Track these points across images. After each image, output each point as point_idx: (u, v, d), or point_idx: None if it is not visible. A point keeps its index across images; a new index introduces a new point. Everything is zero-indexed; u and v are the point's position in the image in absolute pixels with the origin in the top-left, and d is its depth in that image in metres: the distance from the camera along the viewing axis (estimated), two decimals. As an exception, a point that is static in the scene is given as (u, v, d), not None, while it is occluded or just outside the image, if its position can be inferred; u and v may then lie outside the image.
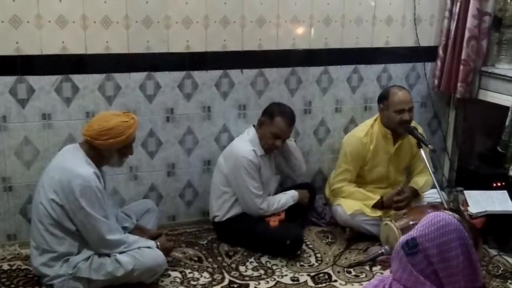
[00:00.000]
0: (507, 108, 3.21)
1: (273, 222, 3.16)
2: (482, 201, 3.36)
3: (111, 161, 2.73)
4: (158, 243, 2.84)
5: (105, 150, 2.66)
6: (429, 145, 3.22)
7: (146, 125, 3.21)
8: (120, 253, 2.66)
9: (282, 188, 3.45)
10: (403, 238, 1.85)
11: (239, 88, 3.37)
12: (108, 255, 2.65)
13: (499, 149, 3.20)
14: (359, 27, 3.54)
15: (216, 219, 3.24)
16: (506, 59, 3.48)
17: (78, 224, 2.60)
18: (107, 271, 2.62)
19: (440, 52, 3.68)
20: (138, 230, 2.96)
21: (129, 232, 2.86)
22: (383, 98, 3.32)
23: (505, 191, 3.38)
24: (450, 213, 1.93)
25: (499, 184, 3.55)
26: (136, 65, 3.11)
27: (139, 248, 2.71)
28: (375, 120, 3.40)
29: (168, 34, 3.11)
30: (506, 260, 3.13)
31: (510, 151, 2.94)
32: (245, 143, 3.17)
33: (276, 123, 3.14)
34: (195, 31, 3.17)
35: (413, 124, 3.33)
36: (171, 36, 3.13)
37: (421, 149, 3.24)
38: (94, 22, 2.96)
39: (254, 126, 3.24)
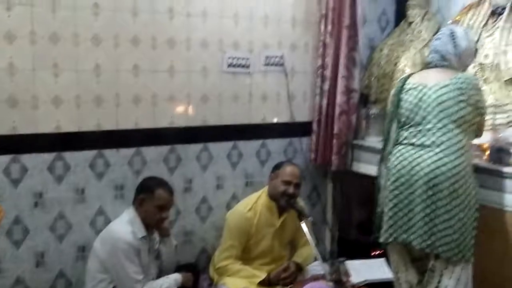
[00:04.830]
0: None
1: (155, 308, 2.98)
2: (363, 270, 3.44)
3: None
4: None
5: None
6: (309, 218, 3.28)
7: (10, 212, 2.94)
8: None
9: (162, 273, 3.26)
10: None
11: (115, 169, 3.24)
12: None
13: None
14: (236, 104, 3.60)
15: (93, 310, 2.99)
16: (374, 132, 3.69)
17: None
18: None
19: (315, 126, 3.83)
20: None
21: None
22: (276, 167, 3.42)
23: (383, 259, 3.49)
24: (327, 283, 1.94)
25: (377, 252, 3.66)
26: (-2, 148, 2.90)
27: None
28: (261, 194, 3.43)
29: (36, 114, 2.96)
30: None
31: (377, 221, 3.00)
32: (124, 225, 3.01)
33: (158, 195, 3.04)
34: (66, 110, 3.04)
35: (295, 198, 3.38)
36: (40, 116, 2.97)
37: (302, 222, 3.28)
38: None
39: (133, 206, 3.11)
